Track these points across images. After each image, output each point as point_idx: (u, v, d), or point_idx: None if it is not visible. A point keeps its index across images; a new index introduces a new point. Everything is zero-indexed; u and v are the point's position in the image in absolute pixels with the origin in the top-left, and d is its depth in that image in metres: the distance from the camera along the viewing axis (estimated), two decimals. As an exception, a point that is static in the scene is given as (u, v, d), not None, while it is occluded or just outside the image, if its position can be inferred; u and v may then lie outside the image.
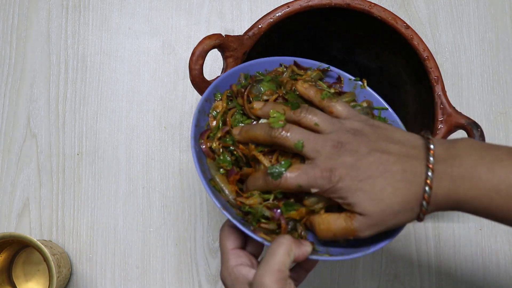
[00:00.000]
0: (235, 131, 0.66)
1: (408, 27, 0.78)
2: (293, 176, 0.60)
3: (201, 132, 0.65)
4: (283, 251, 0.58)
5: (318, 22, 0.83)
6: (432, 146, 0.59)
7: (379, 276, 0.93)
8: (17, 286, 0.90)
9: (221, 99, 0.69)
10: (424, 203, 0.58)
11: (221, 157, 0.66)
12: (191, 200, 0.95)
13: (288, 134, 0.61)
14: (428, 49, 0.77)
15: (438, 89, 0.76)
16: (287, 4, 0.78)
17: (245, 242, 0.65)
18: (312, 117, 0.62)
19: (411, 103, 0.86)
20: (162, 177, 0.95)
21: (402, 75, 0.87)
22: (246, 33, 0.76)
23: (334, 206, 0.63)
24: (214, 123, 0.68)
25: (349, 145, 0.59)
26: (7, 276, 0.90)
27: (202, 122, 0.66)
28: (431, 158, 0.58)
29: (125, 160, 0.95)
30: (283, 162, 0.61)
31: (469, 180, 0.57)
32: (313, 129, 0.62)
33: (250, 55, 0.79)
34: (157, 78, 0.98)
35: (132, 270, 0.92)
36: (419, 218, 0.60)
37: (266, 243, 0.59)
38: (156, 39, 1.00)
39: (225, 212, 0.59)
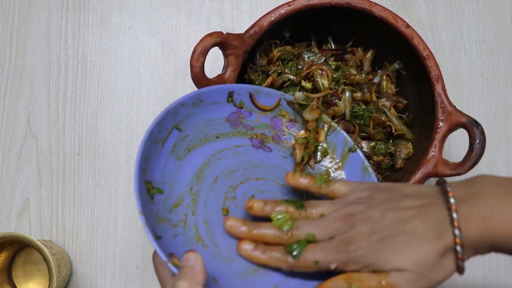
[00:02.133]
0: (233, 224, 0.65)
1: (408, 26, 0.78)
2: (310, 254, 0.60)
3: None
4: None
5: (319, 21, 0.83)
6: (449, 189, 0.57)
7: (379, 276, 0.93)
8: (17, 286, 0.90)
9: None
10: (458, 247, 0.55)
11: None
12: (191, 200, 0.94)
13: (297, 231, 0.62)
14: (428, 48, 0.78)
15: (438, 87, 0.77)
16: (288, 3, 0.78)
17: None
18: (315, 210, 0.64)
19: (412, 102, 0.86)
20: (162, 177, 0.95)
21: (402, 74, 0.87)
22: (247, 31, 0.76)
23: None
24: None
25: (359, 215, 0.59)
26: (7, 276, 0.90)
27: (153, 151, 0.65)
28: (452, 200, 0.56)
29: (125, 160, 0.95)
30: (300, 242, 0.61)
31: (501, 216, 0.54)
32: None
33: (250, 54, 0.80)
34: (157, 78, 0.98)
35: (132, 270, 0.92)
36: (459, 268, 0.56)
37: (173, 269, 0.56)
38: (156, 39, 1.00)
39: (142, 217, 0.57)
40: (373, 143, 0.83)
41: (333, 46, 0.87)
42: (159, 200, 0.63)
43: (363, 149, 0.83)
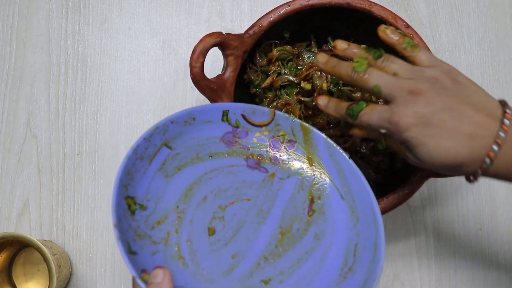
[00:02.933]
0: (321, 59, 0.69)
1: (408, 26, 0.78)
2: (366, 114, 0.64)
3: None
4: None
5: (318, 21, 0.83)
6: (509, 111, 0.60)
7: (379, 276, 0.93)
8: (17, 286, 0.90)
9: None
10: (488, 160, 0.59)
11: None
12: (191, 200, 0.94)
13: (367, 77, 0.64)
14: (428, 48, 0.78)
15: (438, 88, 0.77)
16: (287, 3, 0.78)
17: None
18: (392, 65, 0.65)
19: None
20: (162, 177, 0.95)
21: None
22: (246, 31, 0.76)
23: None
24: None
25: (425, 95, 0.60)
26: (7, 276, 0.90)
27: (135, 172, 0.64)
28: (507, 121, 0.59)
29: (125, 160, 0.95)
30: (359, 103, 0.65)
31: None
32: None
33: (250, 54, 0.80)
34: (157, 78, 0.98)
35: (132, 270, 0.92)
36: (473, 179, 0.62)
37: (141, 284, 0.55)
38: (156, 39, 1.00)
39: (115, 231, 0.56)
40: (372, 144, 0.83)
41: (333, 46, 0.88)
42: (141, 216, 0.62)
43: (362, 149, 0.83)
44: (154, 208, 0.64)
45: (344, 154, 0.71)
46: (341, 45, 0.69)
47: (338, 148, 0.71)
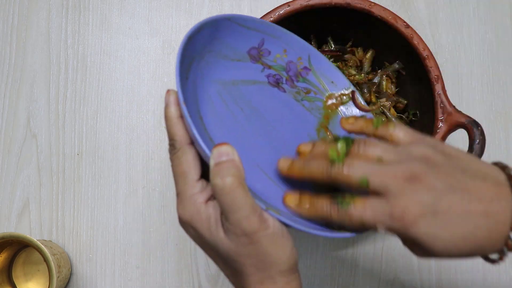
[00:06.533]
0: (283, 164, 0.59)
1: (408, 26, 0.78)
2: (356, 212, 0.52)
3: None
4: (243, 197, 0.50)
5: (318, 21, 0.83)
6: None
7: (379, 276, 0.93)
8: (17, 286, 0.90)
9: None
10: (506, 249, 0.52)
11: None
12: (191, 200, 0.94)
13: (350, 169, 0.52)
14: (428, 48, 0.78)
15: (438, 88, 0.77)
16: (287, 3, 0.78)
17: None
18: (373, 150, 0.54)
19: (412, 102, 0.86)
20: (162, 177, 0.95)
21: (402, 74, 0.87)
22: (246, 32, 0.76)
23: None
24: None
25: (424, 179, 0.50)
26: (7, 276, 0.90)
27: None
28: None
29: (125, 160, 0.95)
30: (344, 197, 0.53)
31: None
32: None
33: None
34: (157, 78, 0.98)
35: (132, 270, 0.92)
36: (498, 259, 0.53)
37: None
38: (156, 39, 1.00)
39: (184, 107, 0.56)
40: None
41: (333, 46, 0.87)
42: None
43: None
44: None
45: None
46: (304, 148, 0.61)
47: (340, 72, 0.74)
